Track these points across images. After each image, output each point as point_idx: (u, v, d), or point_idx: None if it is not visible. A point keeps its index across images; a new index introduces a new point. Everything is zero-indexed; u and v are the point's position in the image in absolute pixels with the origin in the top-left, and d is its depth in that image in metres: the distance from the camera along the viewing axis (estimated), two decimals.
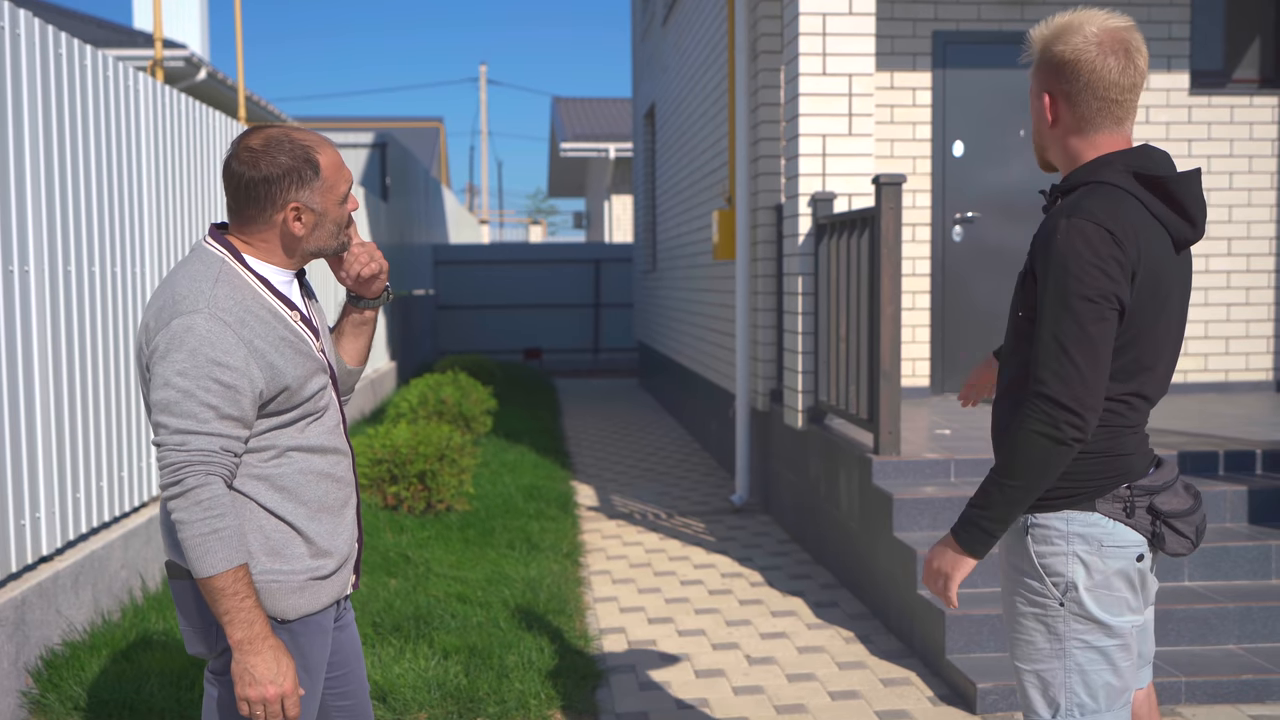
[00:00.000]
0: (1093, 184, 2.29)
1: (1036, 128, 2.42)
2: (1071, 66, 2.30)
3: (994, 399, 2.51)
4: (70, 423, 4.49)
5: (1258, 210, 7.85)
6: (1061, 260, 2.20)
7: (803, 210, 6.26)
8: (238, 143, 2.21)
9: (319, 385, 2.25)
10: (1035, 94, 2.38)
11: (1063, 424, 2.19)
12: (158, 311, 2.13)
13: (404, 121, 37.63)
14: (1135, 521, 2.31)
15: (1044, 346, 2.22)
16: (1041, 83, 2.36)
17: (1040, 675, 2.35)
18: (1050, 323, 2.21)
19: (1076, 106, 2.33)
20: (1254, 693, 4.17)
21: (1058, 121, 2.36)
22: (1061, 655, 2.32)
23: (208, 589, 2.06)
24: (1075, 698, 2.33)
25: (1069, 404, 2.19)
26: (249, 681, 2.07)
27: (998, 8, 7.58)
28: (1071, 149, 2.37)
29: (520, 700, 4.08)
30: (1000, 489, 2.25)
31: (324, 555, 2.26)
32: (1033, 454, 2.21)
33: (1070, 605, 2.31)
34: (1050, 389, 2.20)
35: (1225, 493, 5.07)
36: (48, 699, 3.87)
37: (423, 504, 6.72)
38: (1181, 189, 2.28)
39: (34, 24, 4.20)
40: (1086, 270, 2.18)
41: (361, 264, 2.40)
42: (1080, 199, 2.26)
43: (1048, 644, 2.33)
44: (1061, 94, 2.33)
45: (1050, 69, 2.33)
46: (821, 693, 4.32)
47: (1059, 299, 2.20)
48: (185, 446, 2.06)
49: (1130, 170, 2.29)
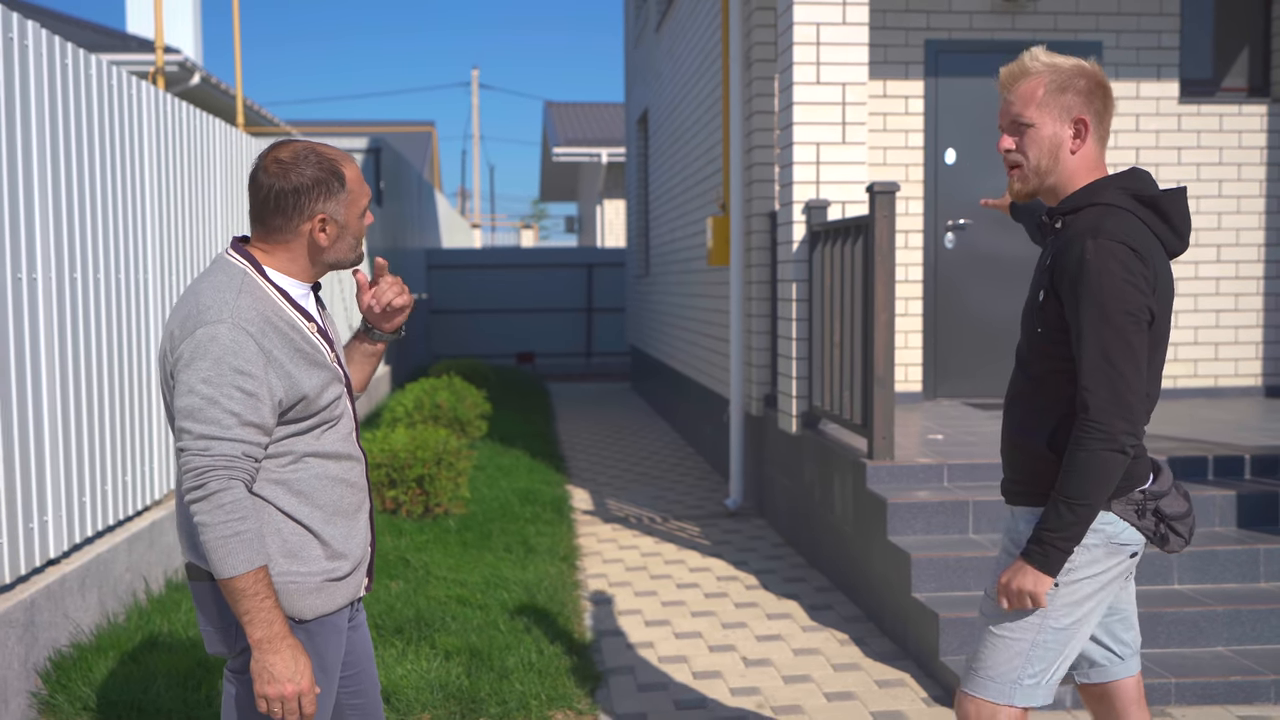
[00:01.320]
0: (1099, 205, 2.43)
1: (1044, 156, 2.50)
2: (1103, 90, 2.47)
3: (1005, 403, 2.66)
4: (76, 427, 4.54)
5: (1246, 218, 7.95)
6: (1097, 280, 2.34)
7: (797, 217, 6.34)
8: (265, 155, 2.27)
9: (335, 394, 2.32)
10: (1051, 121, 2.48)
11: (1120, 435, 2.35)
12: (182, 321, 2.19)
13: (396, 126, 37.67)
14: (1143, 524, 2.50)
15: (1090, 364, 2.35)
16: (1067, 110, 2.47)
17: (1008, 641, 2.53)
18: (1094, 341, 2.34)
19: (1098, 130, 2.48)
20: (1242, 694, 4.24)
21: (1082, 148, 2.48)
22: (1037, 630, 2.51)
23: (229, 589, 2.12)
24: (1029, 668, 2.53)
25: (1124, 415, 2.34)
26: (268, 679, 2.13)
27: (989, 17, 7.67)
28: (1080, 175, 2.50)
29: (521, 701, 4.14)
30: (1071, 509, 2.39)
31: (339, 557, 2.33)
32: (1097, 471, 2.36)
33: (1065, 588, 2.49)
34: (1104, 404, 2.35)
35: (1215, 497, 5.15)
36: (57, 700, 3.92)
37: (420, 508, 6.77)
38: (1171, 206, 2.43)
39: (41, 34, 4.25)
40: (1122, 288, 2.33)
41: (394, 293, 2.50)
42: (1098, 220, 2.39)
43: (1030, 618, 2.51)
44: (1095, 117, 2.47)
45: (1081, 94, 2.46)
46: (818, 694, 4.38)
47: (1101, 317, 2.34)
48: (209, 451, 2.12)
49: (1126, 191, 2.43)
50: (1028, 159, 2.51)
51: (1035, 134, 2.49)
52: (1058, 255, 2.43)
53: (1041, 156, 2.50)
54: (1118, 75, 7.78)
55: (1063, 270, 2.40)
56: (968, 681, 2.62)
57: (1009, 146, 2.53)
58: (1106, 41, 7.75)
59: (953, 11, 7.64)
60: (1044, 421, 2.52)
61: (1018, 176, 2.55)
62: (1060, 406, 2.50)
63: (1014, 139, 2.52)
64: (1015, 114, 2.50)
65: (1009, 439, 2.62)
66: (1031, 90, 2.48)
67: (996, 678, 2.56)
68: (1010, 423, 2.61)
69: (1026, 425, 2.56)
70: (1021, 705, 2.56)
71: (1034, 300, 2.52)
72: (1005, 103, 2.54)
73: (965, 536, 5.04)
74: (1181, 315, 7.97)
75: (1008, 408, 2.64)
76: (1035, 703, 2.56)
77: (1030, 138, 2.50)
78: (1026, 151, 2.51)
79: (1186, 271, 7.94)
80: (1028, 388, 2.56)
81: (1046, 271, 2.47)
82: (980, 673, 2.59)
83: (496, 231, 52.14)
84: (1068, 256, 2.39)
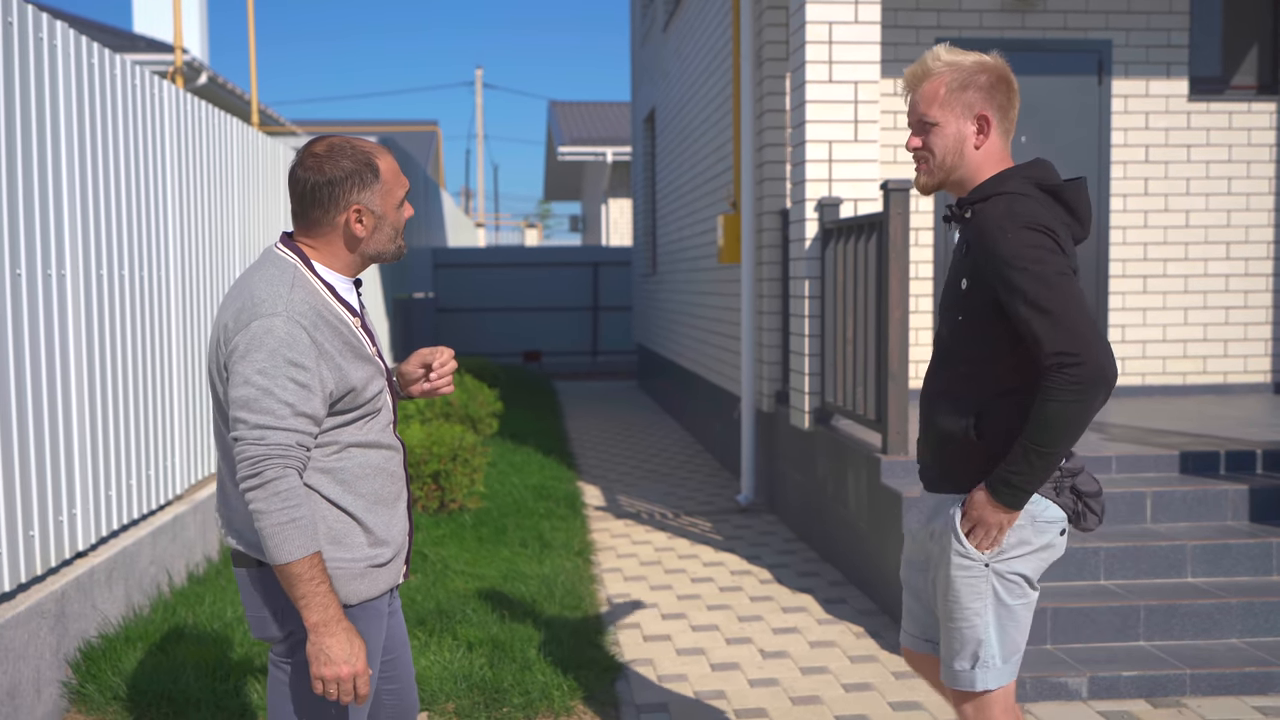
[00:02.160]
0: (1006, 194, 2.54)
1: (949, 153, 2.61)
2: (1005, 84, 2.58)
3: (926, 395, 2.71)
4: (103, 422, 4.59)
5: (1256, 215, 7.99)
6: (1021, 257, 2.42)
7: (809, 215, 6.38)
8: (303, 151, 2.33)
9: (378, 387, 2.37)
10: (954, 119, 2.58)
11: (1088, 383, 2.38)
12: (236, 313, 2.24)
13: (400, 125, 37.73)
14: (1062, 500, 2.59)
15: (1040, 324, 2.40)
16: (970, 107, 2.58)
17: (962, 630, 2.62)
18: (1035, 306, 2.40)
19: (1002, 124, 2.59)
20: (1257, 685, 4.29)
21: (986, 142, 2.59)
22: (983, 613, 2.59)
23: (285, 575, 2.18)
24: (991, 649, 2.61)
25: (1094, 344, 2.38)
26: (324, 661, 2.19)
27: (999, 15, 7.71)
28: (985, 168, 2.61)
29: (544, 691, 4.19)
30: (1040, 456, 2.44)
31: (381, 544, 2.38)
32: (1070, 421, 2.40)
33: (1000, 569, 2.58)
34: (1071, 359, 2.38)
35: (1227, 491, 5.20)
36: (88, 689, 3.97)
37: (436, 503, 6.83)
38: (1073, 194, 2.55)
39: (69, 35, 4.31)
40: (1047, 255, 2.42)
41: (446, 383, 2.62)
42: (1010, 206, 2.50)
43: (974, 603, 2.60)
44: (997, 112, 2.58)
45: (983, 90, 2.57)
46: (835, 685, 4.43)
47: (1037, 283, 2.40)
48: (264, 441, 2.18)
49: (1031, 180, 2.55)
50: (934, 155, 2.62)
51: (940, 132, 2.60)
52: (978, 244, 2.52)
53: (947, 153, 2.61)
54: (1127, 73, 7.82)
55: (988, 257, 2.48)
56: (948, 678, 2.68)
57: (916, 145, 2.64)
58: (1116, 39, 7.80)
59: (963, 10, 7.68)
60: (972, 409, 2.59)
61: (924, 171, 2.66)
62: (987, 393, 2.57)
63: (920, 138, 2.64)
64: (920, 114, 2.62)
65: (936, 429, 2.66)
66: (934, 90, 2.59)
67: (976, 666, 2.63)
68: (936, 412, 2.65)
69: (956, 414, 2.61)
70: (1004, 684, 2.65)
71: (955, 289, 2.59)
72: (911, 103, 2.65)
73: None
74: (1191, 312, 8.02)
75: (931, 399, 2.68)
76: (1007, 680, 2.66)
77: (935, 135, 2.61)
78: (932, 149, 2.62)
79: (1195, 269, 7.99)
80: (952, 377, 2.62)
81: (967, 260, 2.55)
82: (952, 665, 2.66)
83: (500, 230, 52.22)
84: (990, 244, 2.47)
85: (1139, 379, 8.03)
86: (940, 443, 2.66)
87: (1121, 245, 7.95)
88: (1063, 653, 4.48)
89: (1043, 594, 4.71)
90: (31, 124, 4.02)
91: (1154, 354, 8.02)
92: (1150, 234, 7.96)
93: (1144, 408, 7.30)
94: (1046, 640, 4.56)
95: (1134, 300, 7.99)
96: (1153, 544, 4.88)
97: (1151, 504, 5.17)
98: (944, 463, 2.67)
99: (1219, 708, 4.18)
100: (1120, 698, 4.26)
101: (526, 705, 4.12)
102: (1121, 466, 5.49)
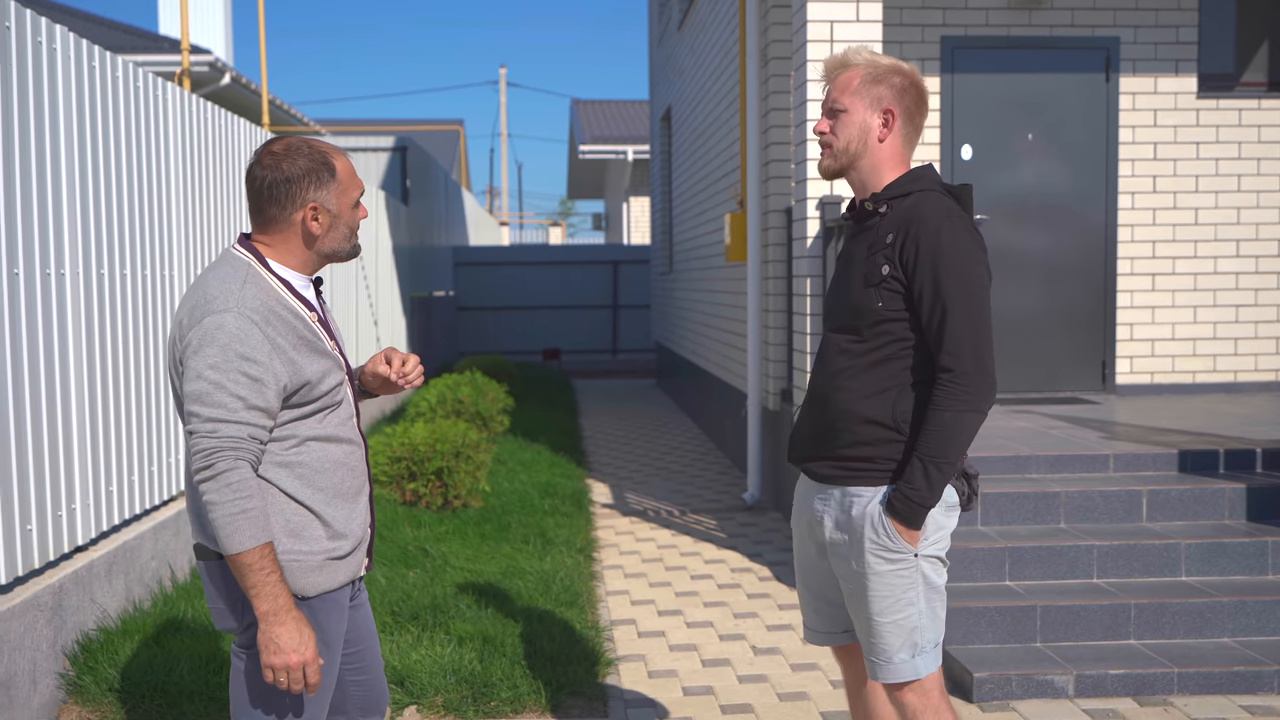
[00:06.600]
0: (925, 192, 2.65)
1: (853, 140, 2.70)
2: (916, 91, 2.69)
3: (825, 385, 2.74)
4: (104, 418, 4.68)
5: (1266, 212, 7.94)
6: (959, 259, 2.54)
7: (811, 214, 6.40)
8: (260, 150, 2.41)
9: (336, 381, 2.43)
10: (862, 109, 2.68)
11: (983, 397, 2.55)
12: (190, 310, 2.31)
13: (425, 124, 37.92)
14: (958, 485, 2.71)
15: (954, 332, 2.53)
16: (879, 100, 2.68)
17: (899, 623, 2.67)
18: (958, 312, 2.53)
19: (906, 126, 2.70)
20: (1245, 684, 4.29)
21: (889, 137, 2.70)
22: (916, 601, 2.66)
23: (236, 565, 2.23)
24: (926, 634, 2.68)
25: (986, 380, 2.54)
26: (274, 650, 2.24)
27: (1005, 13, 7.70)
28: (887, 166, 2.71)
29: (533, 686, 4.23)
30: (939, 468, 2.56)
31: (340, 537, 2.44)
32: (965, 430, 2.55)
33: (924, 556, 2.66)
34: (970, 369, 2.53)
35: (1224, 490, 5.18)
36: (84, 681, 4.05)
37: (440, 500, 6.89)
38: (968, 199, 2.69)
39: (69, 38, 4.39)
40: (977, 265, 2.56)
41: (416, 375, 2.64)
42: (940, 204, 2.61)
43: (908, 593, 2.66)
44: (904, 113, 2.69)
45: (894, 89, 2.68)
46: (824, 681, 4.46)
47: (963, 290, 2.53)
48: (216, 434, 2.23)
49: (934, 183, 2.68)
50: (838, 140, 2.72)
51: (847, 119, 2.71)
52: (902, 236, 2.59)
53: (851, 140, 2.71)
54: (1135, 70, 7.79)
55: (916, 249, 2.56)
56: (888, 674, 2.71)
57: (823, 130, 2.74)
58: (1124, 36, 7.77)
59: (969, 8, 7.67)
60: (885, 397, 2.64)
61: (828, 155, 2.76)
62: (899, 381, 2.64)
63: (829, 122, 2.74)
64: (832, 100, 2.73)
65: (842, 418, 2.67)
66: (849, 79, 2.70)
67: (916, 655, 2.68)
68: (843, 401, 2.67)
69: (867, 402, 2.65)
70: (939, 664, 2.72)
71: (872, 278, 2.64)
72: (825, 90, 2.76)
73: (974, 528, 5.10)
74: (1200, 310, 7.98)
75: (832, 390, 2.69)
76: (939, 660, 2.72)
77: (843, 122, 2.71)
78: (838, 133, 2.72)
79: (1205, 267, 7.95)
80: (861, 365, 2.66)
81: (889, 250, 2.61)
82: (892, 660, 2.69)
83: (524, 229, 52.37)
84: (923, 237, 2.56)
85: (1148, 377, 7.99)
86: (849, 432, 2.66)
87: (1130, 243, 7.92)
88: (1051, 650, 4.48)
89: (1033, 591, 4.72)
90: (30, 125, 4.10)
91: (1163, 352, 7.99)
92: (1159, 231, 7.93)
93: (1150, 406, 7.28)
94: (1035, 638, 4.56)
95: (1142, 298, 7.95)
96: (1147, 542, 4.88)
97: (1147, 502, 5.17)
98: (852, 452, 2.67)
99: (1206, 706, 4.17)
100: (1107, 696, 4.27)
101: (514, 699, 4.16)
102: (1119, 465, 5.48)
